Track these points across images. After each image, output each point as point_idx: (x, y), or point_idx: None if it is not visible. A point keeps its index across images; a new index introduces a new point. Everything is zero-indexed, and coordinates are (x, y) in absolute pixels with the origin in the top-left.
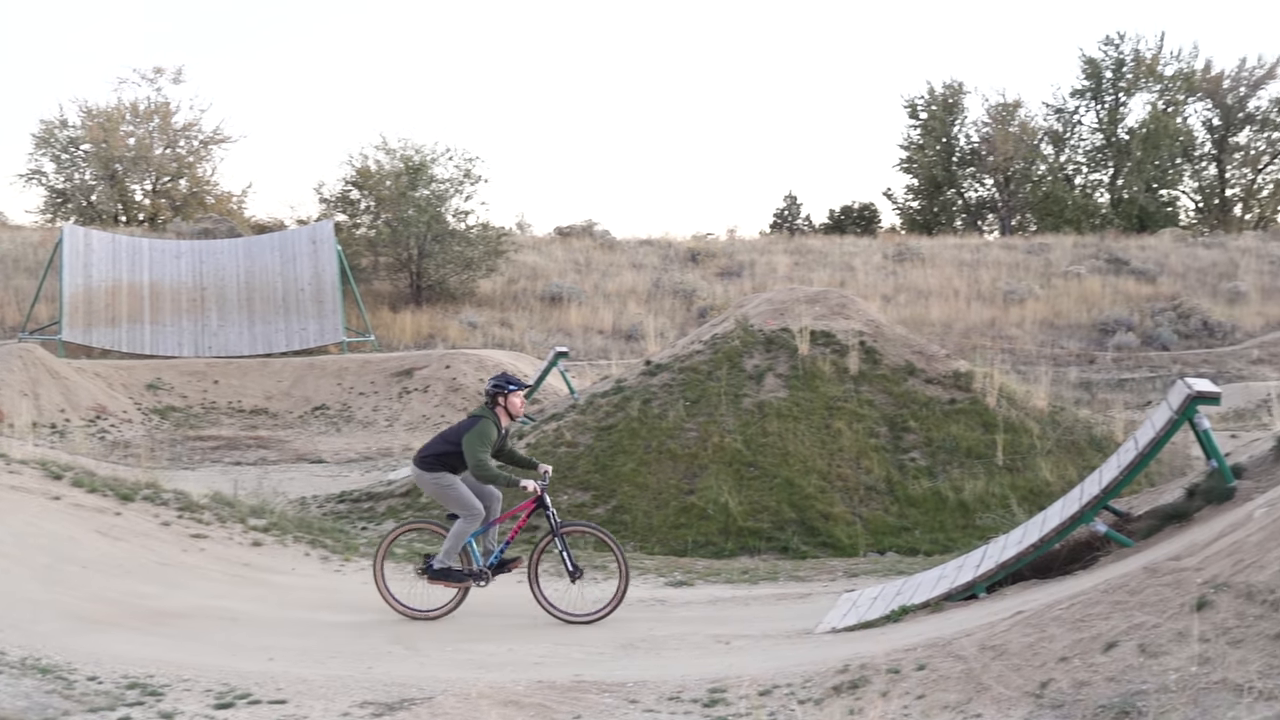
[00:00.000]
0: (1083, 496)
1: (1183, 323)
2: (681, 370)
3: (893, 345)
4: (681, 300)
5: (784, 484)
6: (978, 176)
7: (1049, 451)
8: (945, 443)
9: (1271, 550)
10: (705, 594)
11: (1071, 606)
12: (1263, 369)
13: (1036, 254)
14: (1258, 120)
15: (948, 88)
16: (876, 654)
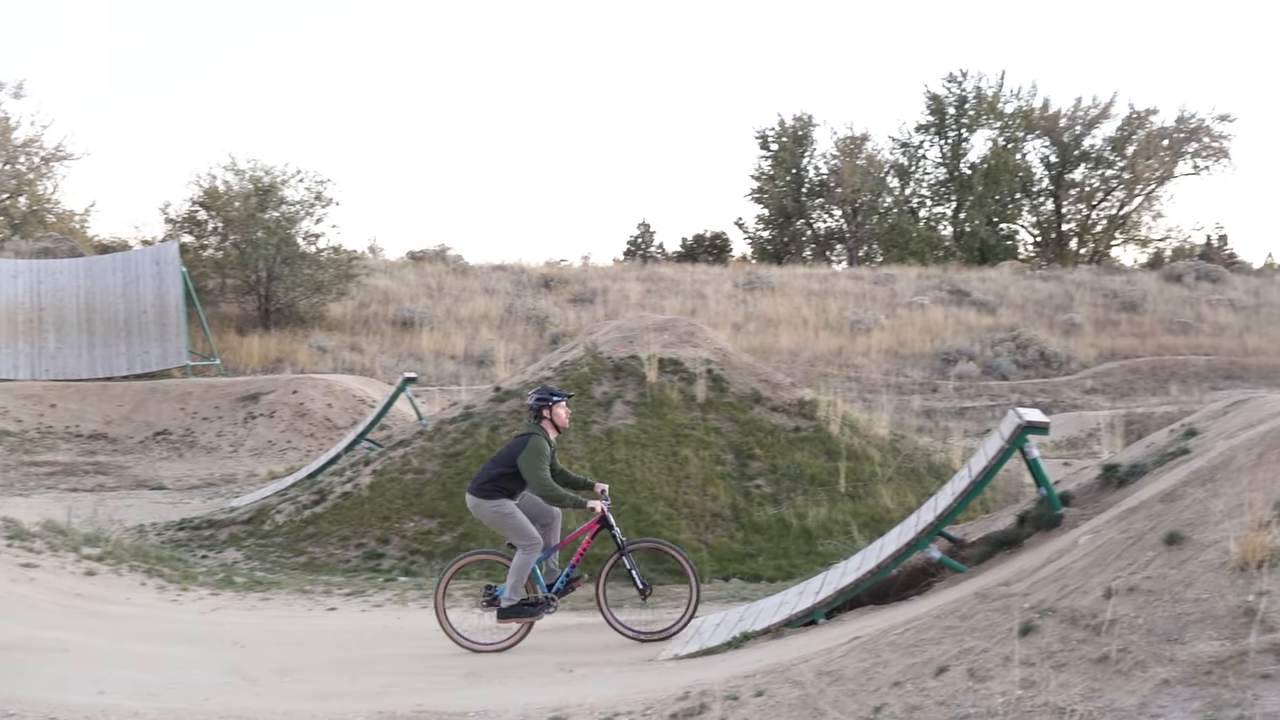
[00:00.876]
0: (919, 523)
1: (1021, 353)
2: None
3: (740, 373)
4: (534, 326)
5: (631, 511)
6: (826, 207)
7: (890, 479)
8: (790, 470)
9: (1094, 576)
10: (551, 621)
11: (906, 631)
12: (1096, 399)
13: (882, 284)
14: (1092, 158)
15: (798, 120)
16: (716, 680)
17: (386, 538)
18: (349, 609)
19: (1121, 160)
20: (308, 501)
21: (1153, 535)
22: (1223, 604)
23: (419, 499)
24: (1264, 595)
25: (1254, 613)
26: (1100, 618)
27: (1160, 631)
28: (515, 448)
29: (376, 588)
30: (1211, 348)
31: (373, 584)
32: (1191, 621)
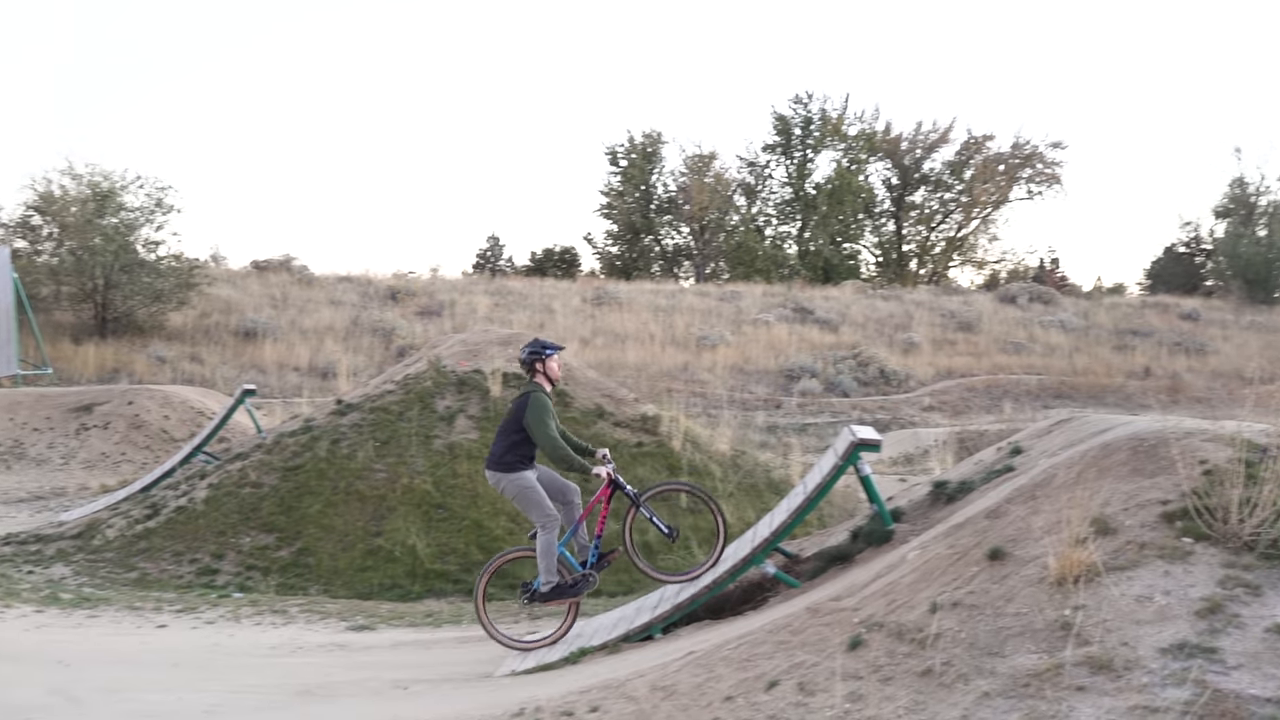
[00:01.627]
0: (755, 539)
1: (862, 370)
2: (372, 410)
3: (583, 388)
4: (380, 339)
5: (473, 526)
6: (674, 224)
7: (730, 494)
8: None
9: (921, 591)
10: (388, 638)
11: (739, 646)
12: (933, 416)
13: (729, 301)
14: (931, 181)
15: (647, 137)
16: (552, 697)
17: (222, 553)
18: (180, 626)
19: (959, 184)
20: (140, 516)
21: (977, 551)
22: (1041, 618)
23: (256, 513)
24: (1080, 609)
25: (1070, 626)
26: (926, 632)
27: (982, 645)
28: (518, 409)
29: (209, 604)
30: (1043, 367)
31: (206, 600)
32: (1012, 635)
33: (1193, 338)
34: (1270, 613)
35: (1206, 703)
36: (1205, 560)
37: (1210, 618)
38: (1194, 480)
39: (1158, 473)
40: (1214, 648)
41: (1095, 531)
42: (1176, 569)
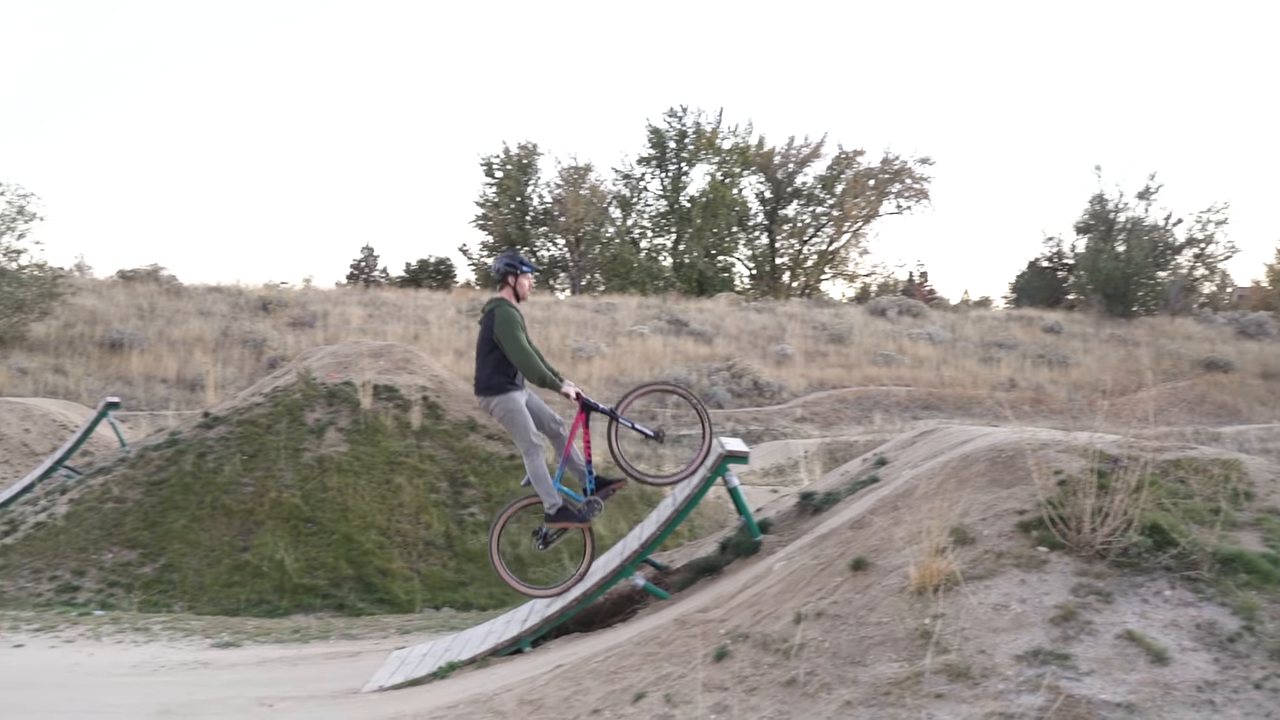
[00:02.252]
0: (624, 551)
1: (736, 382)
2: (240, 423)
3: (455, 401)
4: (251, 350)
5: (342, 540)
6: (550, 236)
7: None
8: (505, 498)
9: (787, 601)
10: (254, 655)
11: (607, 659)
12: (806, 427)
13: (604, 313)
14: (804, 195)
15: (523, 148)
16: (419, 712)
17: (83, 570)
18: (38, 645)
19: (831, 198)
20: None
21: (841, 561)
22: (902, 627)
23: (119, 529)
24: (939, 618)
25: (930, 635)
26: (790, 642)
27: (845, 654)
28: (487, 325)
29: (69, 622)
30: (912, 379)
31: (65, 619)
32: (874, 644)
33: (1055, 350)
34: (1121, 619)
35: (1059, 708)
36: (1059, 569)
37: (1064, 625)
38: (1049, 490)
39: (1015, 483)
40: (1067, 654)
41: (955, 541)
42: (1032, 577)
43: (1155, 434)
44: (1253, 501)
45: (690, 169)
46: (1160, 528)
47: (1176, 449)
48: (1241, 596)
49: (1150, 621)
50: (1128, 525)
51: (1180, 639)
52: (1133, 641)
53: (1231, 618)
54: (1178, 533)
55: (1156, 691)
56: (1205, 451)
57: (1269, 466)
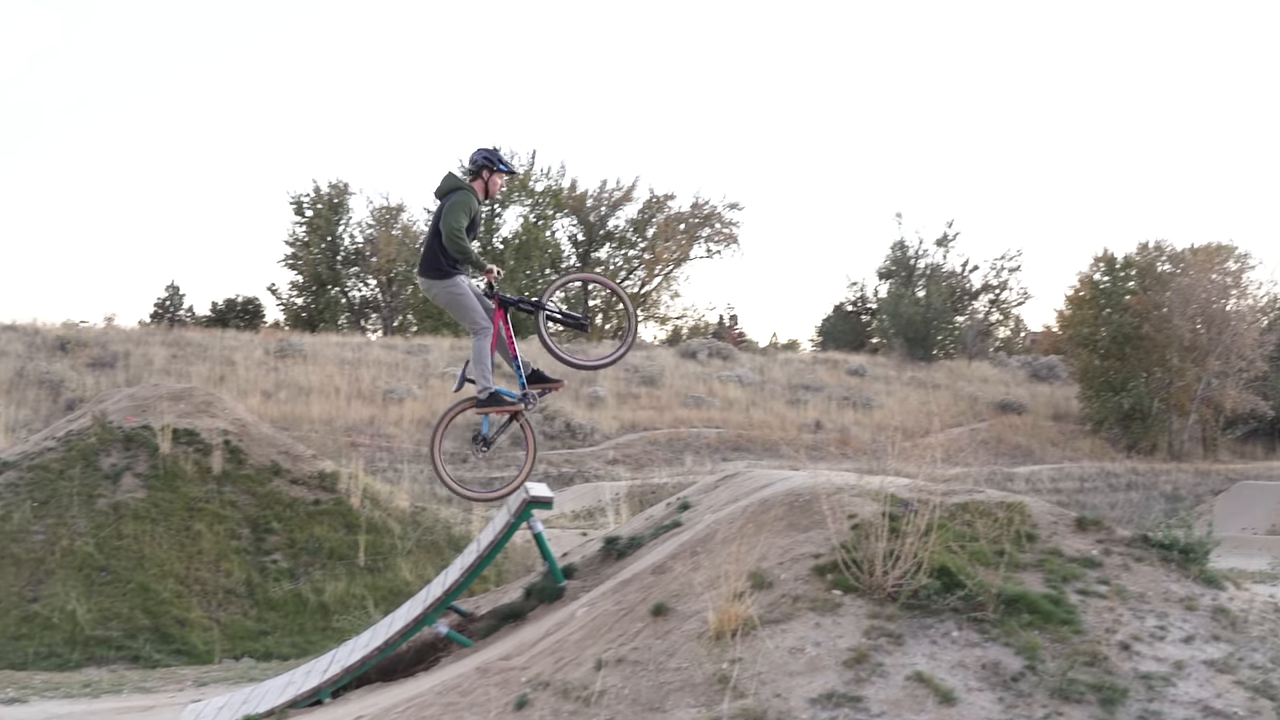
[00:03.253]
0: (428, 598)
1: (548, 424)
2: (31, 468)
3: (259, 445)
4: (48, 391)
5: (138, 589)
6: (362, 276)
7: (409, 551)
8: (308, 544)
9: (588, 648)
10: (40, 711)
11: (408, 709)
12: (617, 469)
13: (416, 354)
14: (616, 238)
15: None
16: None
17: None
18: None
19: (643, 241)
20: None
21: (643, 607)
22: (701, 672)
23: None
24: (737, 663)
25: (727, 680)
26: (591, 689)
27: (645, 700)
28: (441, 208)
29: None
30: (722, 421)
31: None
32: (673, 690)
33: (859, 392)
34: (911, 661)
35: None
36: (853, 611)
37: (856, 667)
38: (843, 534)
39: (811, 527)
40: (859, 696)
41: (753, 586)
42: (827, 621)
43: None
44: (1035, 543)
45: (503, 211)
46: (949, 570)
47: (965, 492)
48: (1024, 637)
49: (939, 662)
50: (918, 568)
51: (967, 679)
52: (922, 683)
53: (1015, 658)
54: (965, 575)
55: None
56: (991, 495)
57: (1050, 509)
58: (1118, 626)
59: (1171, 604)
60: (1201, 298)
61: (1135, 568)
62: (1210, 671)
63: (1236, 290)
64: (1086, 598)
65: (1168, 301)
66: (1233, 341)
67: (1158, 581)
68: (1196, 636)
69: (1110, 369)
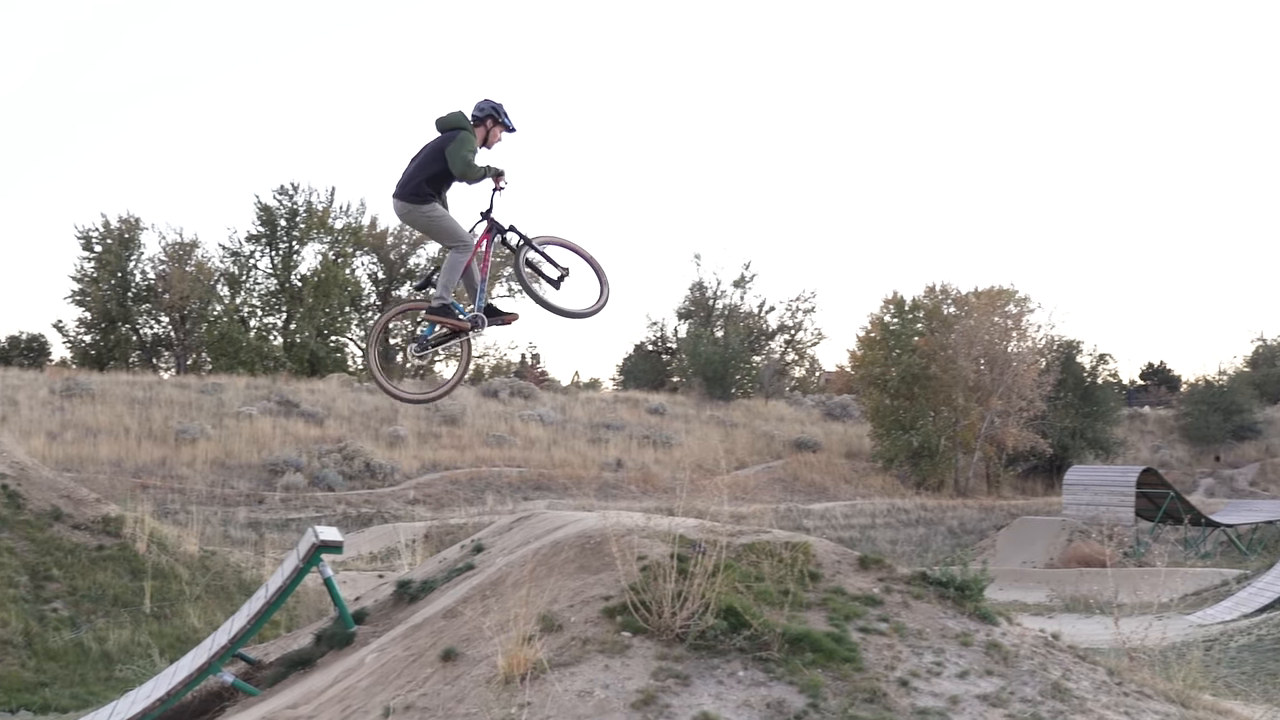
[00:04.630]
0: (214, 646)
1: (348, 464)
2: None
3: (39, 489)
4: None
5: None
6: (154, 313)
7: (198, 597)
8: (91, 591)
9: (377, 695)
10: None
11: None
12: (418, 509)
13: (210, 394)
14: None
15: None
16: None
17: None
18: None
19: None
20: None
21: (432, 652)
22: (489, 717)
23: None
24: (525, 707)
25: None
26: None
27: None
28: (444, 140)
29: None
30: (523, 460)
31: None
32: None
33: (660, 431)
34: (698, 701)
35: None
36: (642, 653)
37: (644, 709)
38: (632, 576)
39: (602, 569)
40: None
41: (543, 629)
42: (616, 663)
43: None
44: (819, 582)
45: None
46: (735, 610)
47: (752, 533)
48: (808, 675)
49: (725, 702)
50: (705, 608)
51: (752, 718)
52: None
53: (799, 696)
54: (751, 615)
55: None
56: (778, 535)
57: (834, 548)
58: (897, 663)
59: (948, 640)
60: (985, 339)
61: (915, 605)
62: (983, 705)
63: (1017, 332)
64: (868, 635)
65: (953, 343)
66: (1014, 382)
67: (935, 618)
68: (971, 671)
69: (900, 408)
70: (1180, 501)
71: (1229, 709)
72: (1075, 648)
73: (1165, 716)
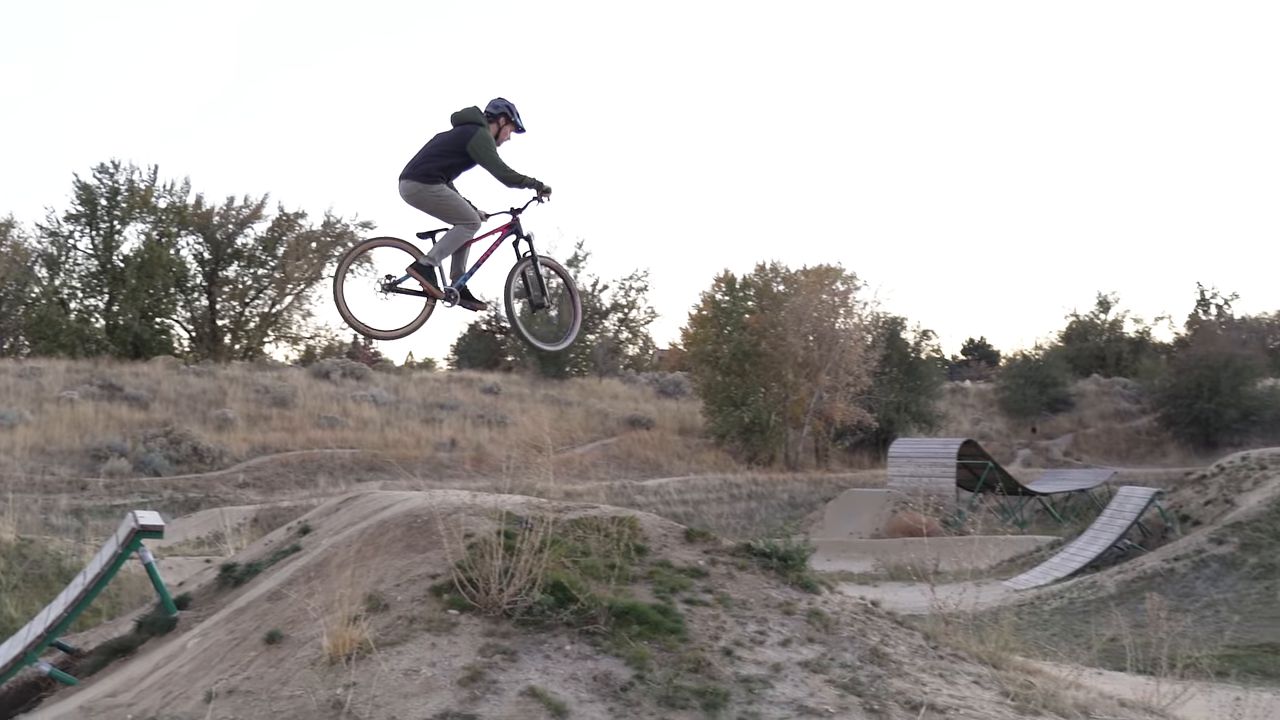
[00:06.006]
0: (29, 635)
1: (174, 448)
2: None
3: None
4: None
5: None
6: None
7: (15, 586)
8: None
9: (199, 680)
10: None
11: None
12: (248, 492)
13: (28, 378)
14: (245, 256)
15: None
16: None
17: None
18: None
19: (273, 260)
20: None
21: (256, 635)
22: (315, 699)
23: None
24: (351, 687)
25: (342, 705)
26: None
27: None
28: (461, 135)
29: None
30: (356, 441)
31: None
32: (286, 718)
33: (494, 410)
34: (525, 677)
35: None
36: (469, 630)
37: (471, 686)
38: (459, 554)
39: (429, 548)
40: (474, 715)
41: (369, 609)
42: (443, 640)
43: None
44: (646, 555)
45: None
46: (562, 585)
47: (579, 508)
48: (634, 647)
49: (552, 677)
50: (532, 584)
51: (579, 691)
52: (535, 697)
53: (625, 668)
54: (578, 589)
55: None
56: (605, 510)
57: (661, 522)
58: (721, 633)
59: (771, 609)
60: (813, 317)
61: (739, 576)
62: (805, 672)
63: (844, 309)
64: (693, 606)
65: (783, 320)
66: (841, 358)
67: (759, 589)
68: (793, 639)
69: (731, 384)
70: (999, 472)
71: (1038, 668)
72: (894, 614)
73: (978, 677)
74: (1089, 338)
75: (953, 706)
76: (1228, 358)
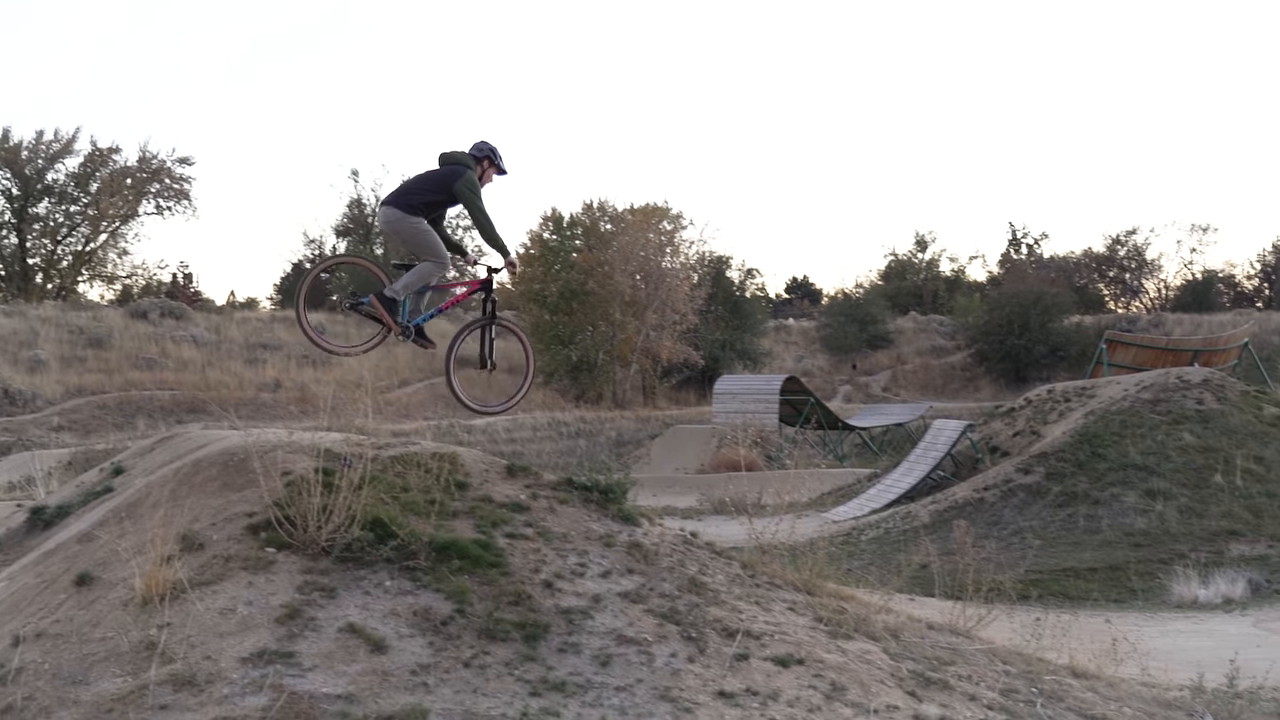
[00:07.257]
0: None
1: None
2: None
3: None
4: None
5: None
6: None
7: None
8: None
9: (5, 624)
10: None
11: None
12: (63, 436)
13: None
14: (56, 193)
15: None
16: None
17: None
18: None
19: (86, 196)
20: None
21: (66, 578)
22: (127, 640)
23: None
24: (165, 628)
25: (155, 646)
26: (8, 667)
27: (67, 675)
28: (448, 176)
29: None
30: (176, 382)
31: None
32: (98, 661)
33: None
34: (344, 613)
35: (283, 706)
36: (287, 568)
37: (289, 623)
38: (276, 492)
39: (246, 486)
40: (292, 652)
41: (183, 549)
42: (260, 579)
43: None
44: (467, 491)
45: None
46: (382, 521)
47: (399, 445)
48: (455, 581)
49: (371, 613)
50: (351, 521)
51: (399, 627)
52: (354, 633)
53: (446, 602)
54: (398, 525)
55: (375, 680)
56: (426, 446)
57: (482, 457)
58: (542, 566)
59: (591, 542)
60: (640, 256)
61: (560, 510)
62: (624, 602)
63: (671, 249)
64: (514, 540)
65: (610, 259)
66: (668, 296)
67: (580, 522)
68: (613, 571)
69: (559, 323)
70: (820, 407)
71: (851, 594)
72: (713, 545)
73: (793, 604)
74: (907, 276)
75: (768, 632)
76: (1037, 295)
